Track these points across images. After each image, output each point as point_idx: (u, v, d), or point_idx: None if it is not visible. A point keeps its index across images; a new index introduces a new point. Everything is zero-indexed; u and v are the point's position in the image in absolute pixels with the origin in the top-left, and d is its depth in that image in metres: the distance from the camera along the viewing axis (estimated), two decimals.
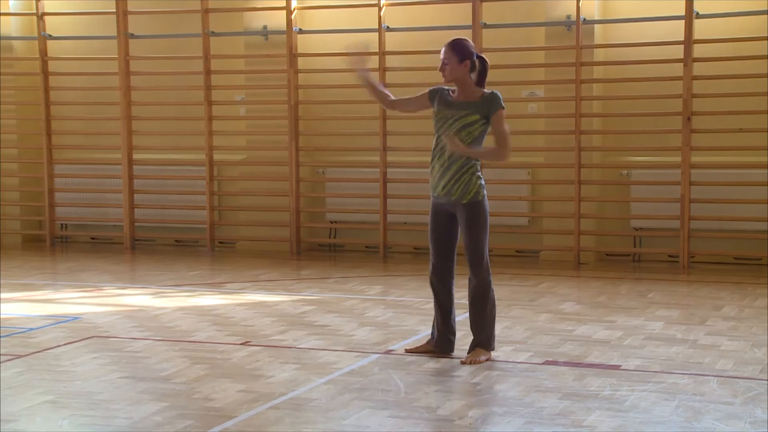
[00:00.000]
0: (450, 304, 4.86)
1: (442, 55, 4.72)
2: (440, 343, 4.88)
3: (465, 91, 4.72)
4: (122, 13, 9.22)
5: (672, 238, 8.19)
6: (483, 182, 4.73)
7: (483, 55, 4.79)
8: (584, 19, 8.20)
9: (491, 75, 9.14)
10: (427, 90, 4.86)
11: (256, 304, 6.39)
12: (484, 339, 4.75)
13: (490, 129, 4.71)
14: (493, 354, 4.81)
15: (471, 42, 4.82)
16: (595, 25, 8.34)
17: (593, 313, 6.03)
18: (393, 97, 5.08)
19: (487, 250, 4.76)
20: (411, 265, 8.29)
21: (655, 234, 8.35)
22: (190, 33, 9.17)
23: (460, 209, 4.71)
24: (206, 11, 9.04)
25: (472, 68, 4.72)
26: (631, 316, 5.90)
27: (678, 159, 8.04)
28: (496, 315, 4.85)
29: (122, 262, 8.60)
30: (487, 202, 4.74)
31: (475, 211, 4.68)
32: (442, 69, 4.72)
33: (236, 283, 7.27)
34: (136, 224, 9.47)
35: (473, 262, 4.71)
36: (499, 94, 4.73)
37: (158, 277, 7.62)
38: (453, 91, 4.77)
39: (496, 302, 4.84)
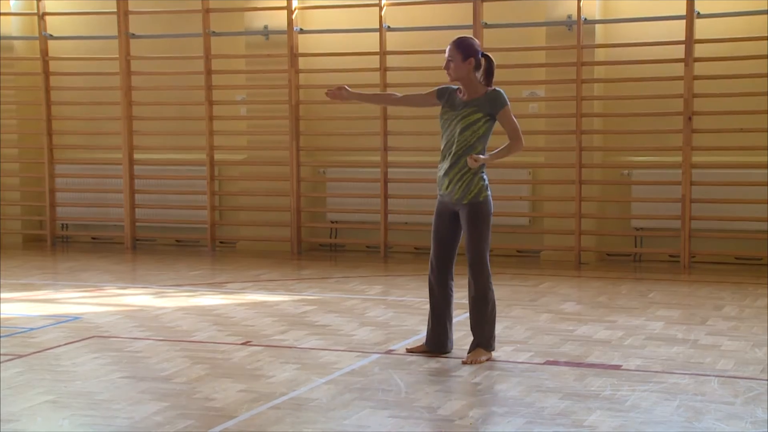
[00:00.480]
0: (445, 305, 4.84)
1: (446, 53, 4.73)
2: (431, 344, 4.88)
3: (470, 90, 4.72)
4: (123, 13, 9.22)
5: (673, 238, 8.18)
6: (486, 183, 4.72)
7: (488, 54, 4.79)
8: (585, 19, 8.19)
9: None
10: (436, 88, 4.87)
11: (256, 304, 6.39)
12: (484, 340, 4.75)
13: (495, 126, 4.72)
14: (494, 354, 4.80)
15: (476, 40, 4.82)
16: (596, 25, 8.33)
17: (594, 313, 6.02)
18: (397, 95, 5.13)
19: (488, 251, 4.75)
20: (412, 265, 8.28)
21: (655, 234, 8.34)
22: (191, 33, 9.16)
23: (462, 209, 4.71)
24: (207, 11, 9.04)
25: (477, 66, 4.71)
26: (631, 316, 5.89)
27: (679, 159, 8.03)
28: (497, 315, 4.85)
29: (123, 261, 8.60)
30: (490, 203, 4.73)
31: (475, 211, 4.68)
32: (446, 67, 4.73)
33: (237, 283, 7.27)
34: (136, 224, 9.46)
35: (473, 262, 4.71)
36: (502, 91, 4.73)
37: (159, 277, 7.62)
38: (460, 91, 4.78)
39: (497, 302, 4.84)
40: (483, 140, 4.70)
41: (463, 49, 4.69)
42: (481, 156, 4.65)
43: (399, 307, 6.22)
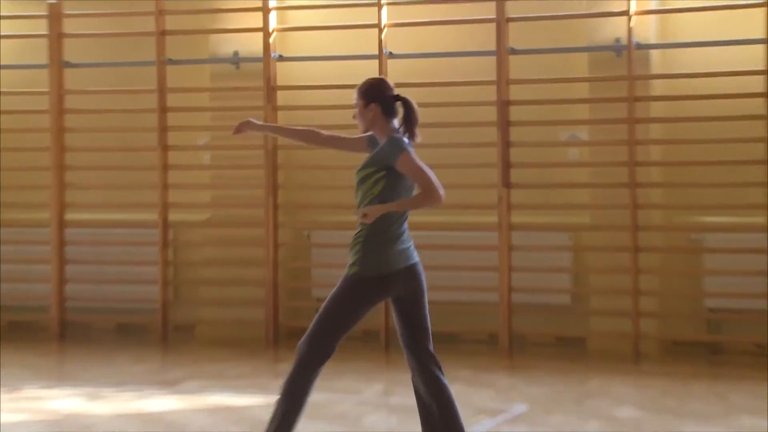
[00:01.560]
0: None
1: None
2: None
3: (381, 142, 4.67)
4: (56, 36, 9.27)
5: (758, 322, 8.08)
6: (371, 254, 4.64)
7: (407, 97, 4.72)
8: (638, 43, 8.23)
9: (521, 114, 9.06)
10: (368, 134, 4.79)
11: (220, 408, 6.34)
12: None
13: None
14: None
15: (387, 81, 4.78)
16: (652, 51, 8.38)
17: (658, 420, 5.98)
18: (323, 133, 5.04)
19: (329, 337, 4.83)
20: None
21: (736, 317, 8.28)
22: (142, 61, 9.22)
23: None
24: (162, 33, 9.09)
25: (389, 113, 4.67)
26: (708, 424, 5.85)
27: (763, 220, 7.98)
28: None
29: (47, 353, 8.56)
30: (363, 283, 4.68)
31: (341, 283, 4.71)
32: (354, 116, 4.72)
33: (195, 381, 7.22)
34: (66, 304, 9.39)
35: (310, 329, 4.73)
36: (398, 137, 4.62)
37: (93, 373, 7.57)
38: None
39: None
40: (385, 200, 4.57)
41: (364, 93, 4.68)
42: (374, 207, 4.55)
43: (404, 412, 6.07)
